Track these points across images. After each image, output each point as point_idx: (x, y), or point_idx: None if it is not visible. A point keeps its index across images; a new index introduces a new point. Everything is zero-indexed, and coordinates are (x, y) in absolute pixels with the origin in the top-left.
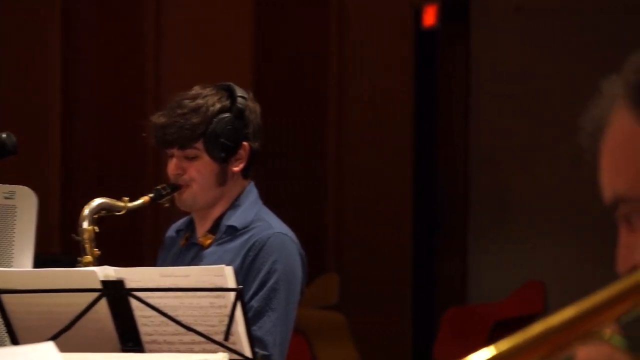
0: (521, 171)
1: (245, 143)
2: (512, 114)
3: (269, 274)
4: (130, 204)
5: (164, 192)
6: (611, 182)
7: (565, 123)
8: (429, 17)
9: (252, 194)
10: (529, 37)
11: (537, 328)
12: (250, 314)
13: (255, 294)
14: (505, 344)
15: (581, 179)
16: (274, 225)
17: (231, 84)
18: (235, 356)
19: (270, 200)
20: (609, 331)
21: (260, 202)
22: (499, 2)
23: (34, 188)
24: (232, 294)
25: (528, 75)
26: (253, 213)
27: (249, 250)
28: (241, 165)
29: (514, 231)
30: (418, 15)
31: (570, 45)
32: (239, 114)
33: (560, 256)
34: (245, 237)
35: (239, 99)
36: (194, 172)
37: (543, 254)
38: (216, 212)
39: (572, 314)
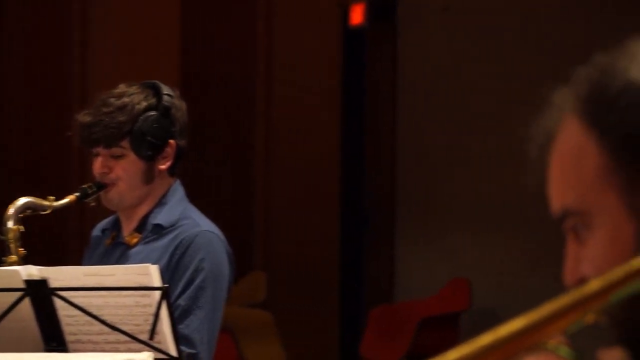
0: (448, 170)
1: (171, 141)
2: (439, 113)
3: (195, 272)
4: (56, 203)
5: (90, 191)
6: (559, 194)
7: (492, 122)
8: (357, 15)
9: (178, 192)
10: (456, 37)
11: (486, 338)
12: (177, 313)
13: (183, 292)
14: (453, 354)
15: (507, 179)
16: (201, 223)
17: (157, 82)
18: (161, 355)
19: (197, 198)
20: (554, 342)
21: (186, 200)
22: (426, 2)
23: None
24: (157, 293)
25: (455, 75)
26: (179, 211)
27: (175, 248)
28: (168, 163)
29: (441, 229)
30: (346, 14)
31: (497, 45)
32: (165, 112)
33: (485, 254)
34: (172, 235)
35: (165, 97)
36: (120, 171)
37: (469, 252)
38: (142, 210)
39: (521, 325)
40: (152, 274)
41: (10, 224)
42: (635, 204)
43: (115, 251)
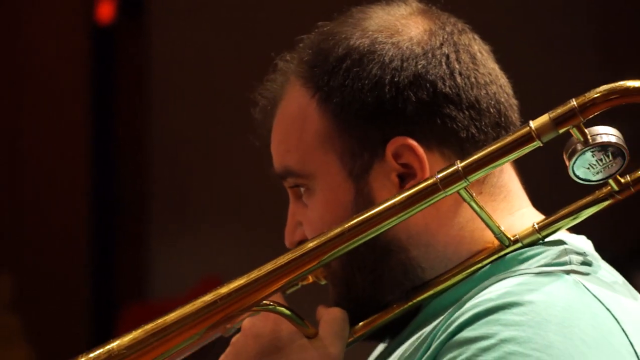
0: (202, 166)
1: None
2: (192, 110)
3: None
4: None
5: None
6: (281, 155)
7: (243, 119)
8: (105, 11)
9: None
10: (208, 33)
11: (208, 297)
12: None
13: None
14: (175, 313)
15: (256, 175)
16: None
17: None
18: None
19: None
20: (273, 301)
21: None
22: None
23: None
24: None
25: (209, 72)
26: None
27: None
28: None
29: (194, 226)
30: (94, 9)
31: (250, 41)
32: None
33: (237, 251)
34: None
35: None
36: None
37: (221, 248)
38: None
39: (241, 283)
40: None
41: None
42: (355, 169)
43: None
